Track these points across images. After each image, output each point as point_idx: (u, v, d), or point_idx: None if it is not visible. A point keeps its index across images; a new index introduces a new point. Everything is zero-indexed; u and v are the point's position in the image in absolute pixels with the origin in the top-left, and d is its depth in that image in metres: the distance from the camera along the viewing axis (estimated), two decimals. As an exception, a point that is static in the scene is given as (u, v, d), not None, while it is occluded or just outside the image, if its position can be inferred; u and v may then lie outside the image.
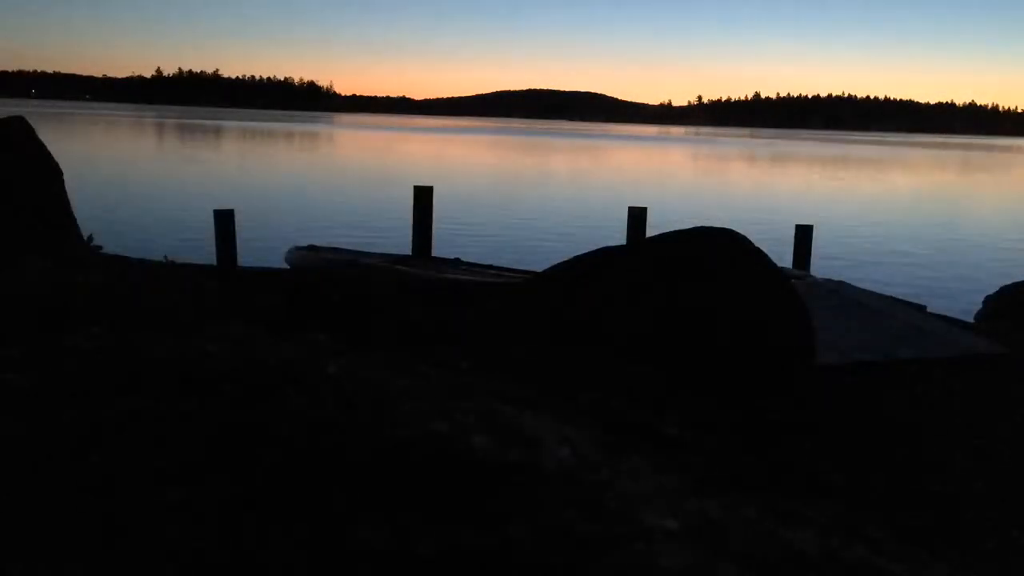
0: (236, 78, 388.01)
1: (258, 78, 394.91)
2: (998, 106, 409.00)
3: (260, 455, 1.14)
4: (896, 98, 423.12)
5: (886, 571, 1.27)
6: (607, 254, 7.27)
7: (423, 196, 13.68)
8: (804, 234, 12.93)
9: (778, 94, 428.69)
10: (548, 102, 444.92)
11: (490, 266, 12.29)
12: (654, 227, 10.82)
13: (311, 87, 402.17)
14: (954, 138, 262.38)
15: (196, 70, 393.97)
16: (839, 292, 9.51)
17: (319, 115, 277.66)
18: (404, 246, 13.73)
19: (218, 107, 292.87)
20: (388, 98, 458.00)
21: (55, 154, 9.98)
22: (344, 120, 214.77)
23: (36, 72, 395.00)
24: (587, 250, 7.34)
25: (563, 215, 25.86)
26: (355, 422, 1.25)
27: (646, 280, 6.69)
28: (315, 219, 21.97)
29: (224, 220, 12.25)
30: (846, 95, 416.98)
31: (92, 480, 1.10)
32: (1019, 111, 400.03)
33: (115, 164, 39.95)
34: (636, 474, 1.37)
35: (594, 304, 6.64)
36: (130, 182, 31.13)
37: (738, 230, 7.09)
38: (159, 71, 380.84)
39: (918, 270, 18.43)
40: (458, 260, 12.66)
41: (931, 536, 4.26)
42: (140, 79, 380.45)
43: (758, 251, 6.94)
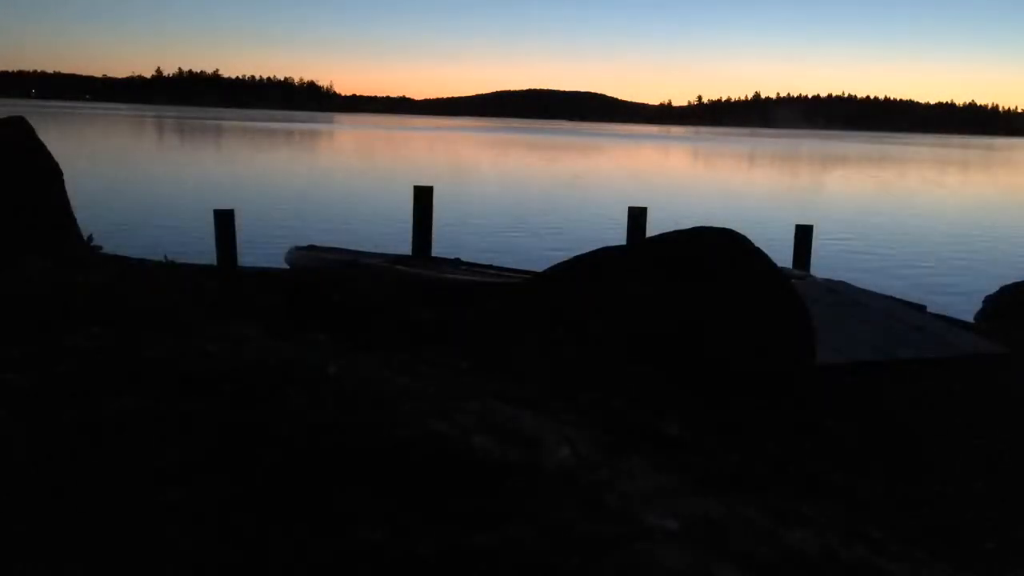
0: (236, 78, 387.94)
1: (258, 78, 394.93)
2: (998, 106, 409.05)
3: (260, 455, 1.14)
4: (896, 98, 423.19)
5: (886, 571, 1.27)
6: (607, 254, 7.27)
7: (423, 196, 13.68)
8: (804, 234, 12.93)
9: (778, 94, 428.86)
10: (548, 102, 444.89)
11: (490, 266, 12.29)
12: (654, 227, 10.82)
13: (311, 87, 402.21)
14: (954, 138, 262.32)
15: (196, 70, 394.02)
16: (839, 292, 9.51)
17: (319, 115, 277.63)
18: (404, 246, 13.73)
19: (218, 107, 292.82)
20: (388, 98, 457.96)
21: (55, 154, 9.98)
22: (344, 120, 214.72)
23: (36, 72, 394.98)
24: (587, 250, 7.34)
25: (563, 215, 25.86)
26: (355, 422, 1.25)
27: (646, 280, 6.69)
28: (315, 219, 21.96)
29: (224, 220, 12.25)
30: (846, 95, 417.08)
31: (92, 480, 1.10)
32: (1019, 111, 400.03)
33: (115, 164, 39.95)
34: (636, 474, 1.37)
35: (594, 304, 6.64)
36: (130, 182, 31.13)
37: (738, 230, 7.09)
38: (159, 71, 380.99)
39: (918, 270, 18.43)
40: (458, 260, 12.65)
41: (931, 536, 4.26)
42: (140, 79, 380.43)
43: (758, 251, 6.94)
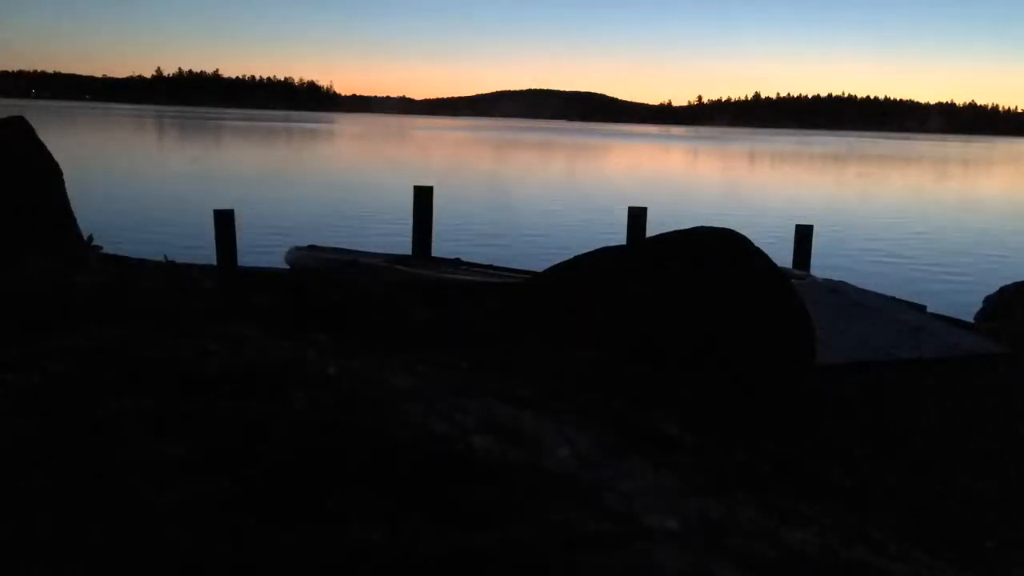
0: (236, 78, 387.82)
1: (258, 78, 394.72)
2: (998, 106, 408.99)
3: (260, 455, 1.14)
4: (896, 98, 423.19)
5: (886, 571, 1.27)
6: (607, 254, 7.27)
7: (423, 196, 13.68)
8: (804, 234, 12.93)
9: (778, 94, 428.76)
10: (548, 102, 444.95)
11: (490, 266, 12.28)
12: (654, 227, 10.82)
13: (311, 87, 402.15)
14: (954, 138, 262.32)
15: (196, 70, 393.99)
16: (839, 292, 9.51)
17: (319, 115, 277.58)
18: (404, 246, 13.72)
19: (218, 107, 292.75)
20: (388, 98, 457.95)
21: (55, 154, 9.98)
22: (344, 120, 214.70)
23: (36, 72, 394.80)
24: (587, 250, 7.34)
25: (563, 215, 25.86)
26: (355, 422, 1.25)
27: (646, 280, 6.69)
28: (315, 219, 21.96)
29: (224, 220, 12.25)
30: (846, 95, 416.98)
31: (92, 480, 1.10)
32: (1019, 111, 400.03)
33: (115, 164, 39.94)
34: (636, 474, 1.37)
35: (594, 304, 6.64)
36: (130, 182, 31.14)
37: (738, 230, 7.09)
38: (159, 71, 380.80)
39: (918, 270, 18.43)
40: (458, 260, 12.65)
41: (931, 536, 4.26)
42: (140, 79, 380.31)
43: (758, 251, 6.94)
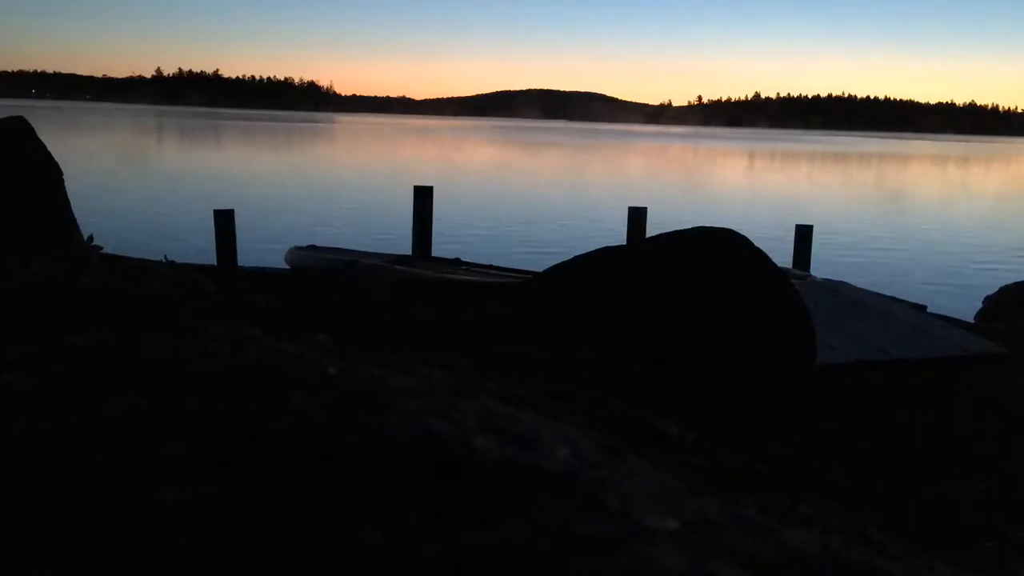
0: (236, 78, 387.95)
1: (258, 78, 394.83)
2: (998, 106, 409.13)
3: (260, 455, 1.14)
4: (896, 98, 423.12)
5: (886, 571, 1.27)
6: (607, 254, 7.27)
7: (423, 196, 13.68)
8: (804, 234, 12.93)
9: (778, 94, 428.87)
10: (548, 102, 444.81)
11: (490, 266, 12.28)
12: (654, 227, 10.82)
13: (311, 87, 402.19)
14: (954, 138, 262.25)
15: (196, 70, 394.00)
16: (839, 292, 9.51)
17: (319, 115, 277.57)
18: (404, 246, 13.72)
19: (218, 107, 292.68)
20: (388, 98, 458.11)
21: (55, 154, 9.97)
22: (344, 120, 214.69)
23: (36, 72, 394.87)
24: (587, 250, 7.34)
25: (563, 215, 25.86)
26: (355, 422, 1.25)
27: (646, 280, 6.69)
28: (315, 219, 21.96)
29: (224, 220, 12.25)
30: (846, 95, 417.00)
31: (91, 480, 1.10)
32: (1019, 111, 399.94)
33: (115, 164, 39.94)
34: (636, 474, 1.37)
35: (594, 304, 6.64)
36: (130, 182, 31.13)
37: (738, 230, 7.09)
38: (159, 71, 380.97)
39: (918, 270, 18.43)
40: (458, 260, 12.65)
41: (931, 536, 4.26)
42: (140, 79, 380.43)
43: (758, 251, 6.94)
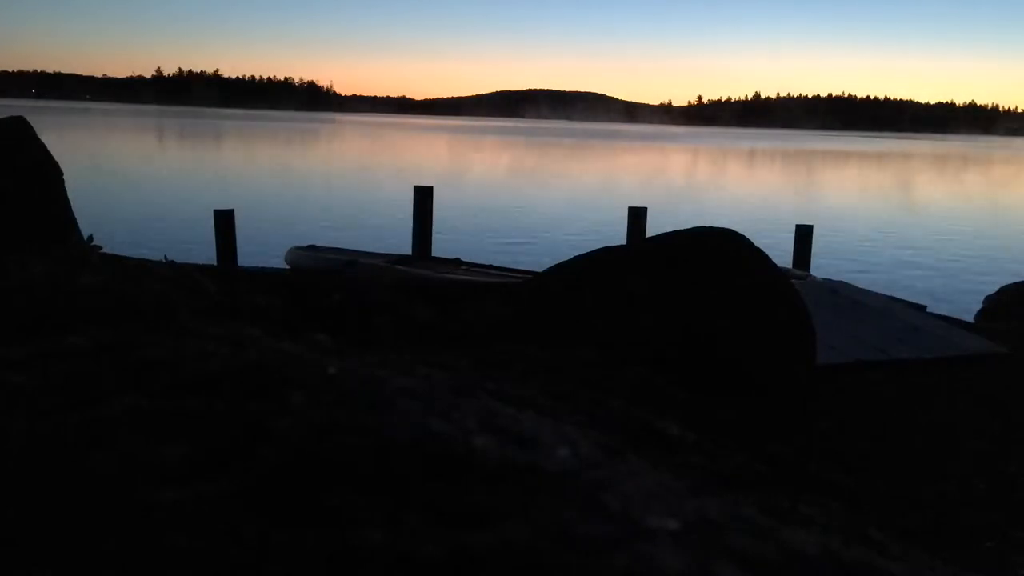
0: (236, 78, 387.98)
1: (258, 78, 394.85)
2: (998, 106, 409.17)
3: (260, 455, 1.14)
4: (896, 98, 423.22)
5: (886, 571, 1.27)
6: (607, 254, 7.27)
7: (423, 196, 13.68)
8: (804, 234, 12.93)
9: (778, 94, 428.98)
10: (548, 102, 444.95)
11: (490, 266, 12.28)
12: (654, 227, 10.82)
13: (311, 87, 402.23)
14: (954, 138, 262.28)
15: (196, 70, 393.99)
16: (839, 292, 9.51)
17: (319, 115, 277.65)
18: (404, 246, 13.72)
19: (218, 107, 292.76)
20: (388, 98, 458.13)
21: (55, 154, 9.97)
22: (344, 120, 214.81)
23: (36, 72, 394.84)
24: (587, 250, 7.34)
25: (563, 215, 25.86)
26: (355, 422, 1.25)
27: (646, 280, 6.69)
28: (315, 219, 21.97)
29: (224, 220, 12.25)
30: (846, 95, 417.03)
31: (91, 480, 1.10)
32: (1019, 111, 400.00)
33: (115, 164, 39.95)
34: (636, 474, 1.37)
35: (594, 304, 6.64)
36: (130, 182, 31.13)
37: (738, 230, 7.09)
38: (159, 71, 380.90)
39: (918, 270, 18.44)
40: (458, 260, 12.65)
41: (931, 536, 4.26)
42: (140, 79, 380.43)
43: (758, 251, 6.94)
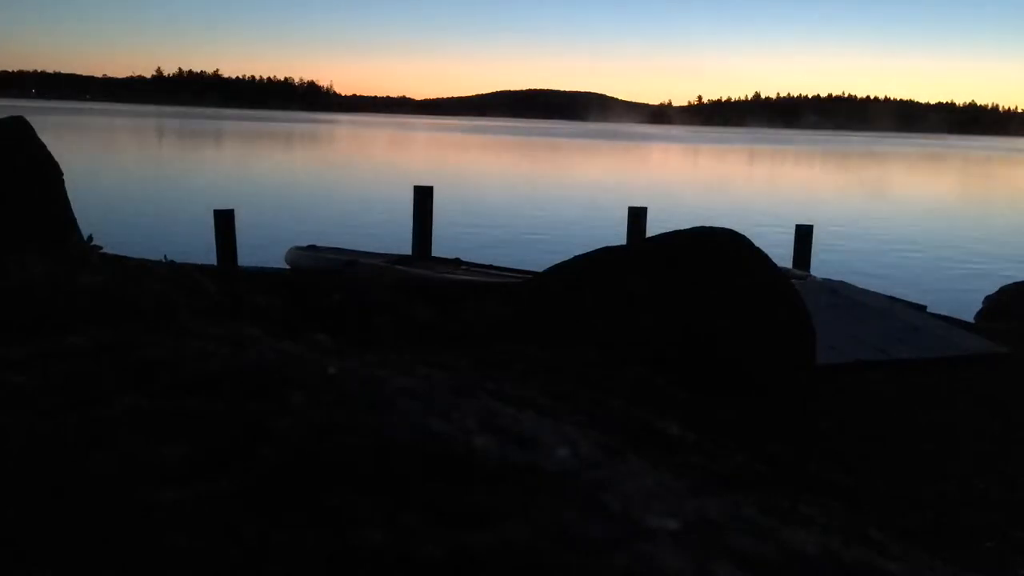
0: (236, 78, 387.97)
1: (258, 78, 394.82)
2: (998, 106, 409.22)
3: (260, 455, 1.14)
4: (896, 98, 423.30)
5: (886, 571, 1.27)
6: (607, 254, 7.27)
7: (423, 196, 13.68)
8: (804, 234, 12.92)
9: (778, 94, 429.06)
10: (548, 102, 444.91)
11: (490, 266, 12.28)
12: (654, 227, 10.82)
13: (311, 87, 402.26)
14: (954, 138, 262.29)
15: (196, 70, 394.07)
16: (839, 292, 9.51)
17: (319, 115, 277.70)
18: (404, 246, 13.72)
19: (218, 107, 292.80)
20: (388, 98, 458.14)
21: (55, 154, 9.97)
22: (344, 120, 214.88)
23: (36, 72, 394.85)
24: (587, 250, 7.34)
25: (563, 215, 25.87)
26: (355, 422, 1.25)
27: (646, 280, 6.69)
28: (315, 219, 21.97)
29: (224, 220, 12.24)
30: (846, 95, 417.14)
31: (91, 480, 1.10)
32: (1019, 111, 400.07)
33: (115, 164, 39.97)
34: (636, 474, 1.37)
35: (594, 304, 6.64)
36: (130, 182, 31.15)
37: (738, 230, 7.09)
38: (159, 71, 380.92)
39: (918, 270, 18.44)
40: (458, 260, 12.65)
41: (931, 536, 4.26)
42: (140, 79, 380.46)
43: (758, 251, 6.94)
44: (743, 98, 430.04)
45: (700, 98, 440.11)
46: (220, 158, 52.67)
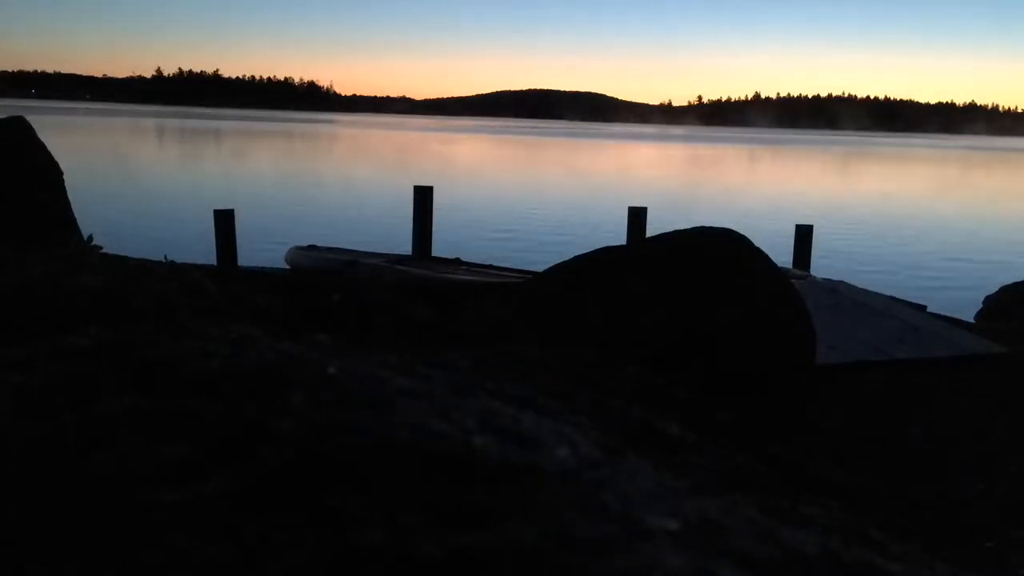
0: (236, 78, 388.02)
1: (258, 78, 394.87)
2: (998, 106, 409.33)
3: (260, 455, 1.14)
4: (896, 98, 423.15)
5: (886, 571, 1.27)
6: (607, 254, 7.27)
7: (423, 196, 13.68)
8: (804, 234, 12.93)
9: (778, 94, 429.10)
10: (548, 102, 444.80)
11: (490, 266, 12.28)
12: (654, 227, 10.82)
13: (311, 87, 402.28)
14: (954, 138, 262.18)
15: (196, 70, 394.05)
16: (839, 292, 9.52)
17: (319, 115, 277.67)
18: (404, 246, 13.72)
19: (218, 107, 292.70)
20: (388, 98, 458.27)
21: (55, 154, 9.97)
22: (344, 120, 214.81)
23: (36, 72, 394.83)
24: (587, 250, 7.34)
25: (563, 215, 25.87)
26: (355, 422, 1.25)
27: (646, 280, 6.69)
28: (315, 219, 21.97)
29: (224, 220, 12.26)
30: (846, 95, 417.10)
31: (91, 480, 1.10)
32: (1019, 111, 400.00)
33: (115, 164, 39.96)
34: (636, 474, 1.37)
35: (594, 304, 6.64)
36: (130, 182, 31.15)
37: (738, 230, 7.09)
38: (159, 71, 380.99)
39: (918, 270, 18.44)
40: (458, 260, 12.65)
41: (931, 536, 4.26)
42: (140, 79, 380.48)
43: (758, 251, 6.94)
44: (743, 98, 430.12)
45: (700, 98, 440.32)
46: (220, 158, 52.65)
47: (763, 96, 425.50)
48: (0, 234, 7.54)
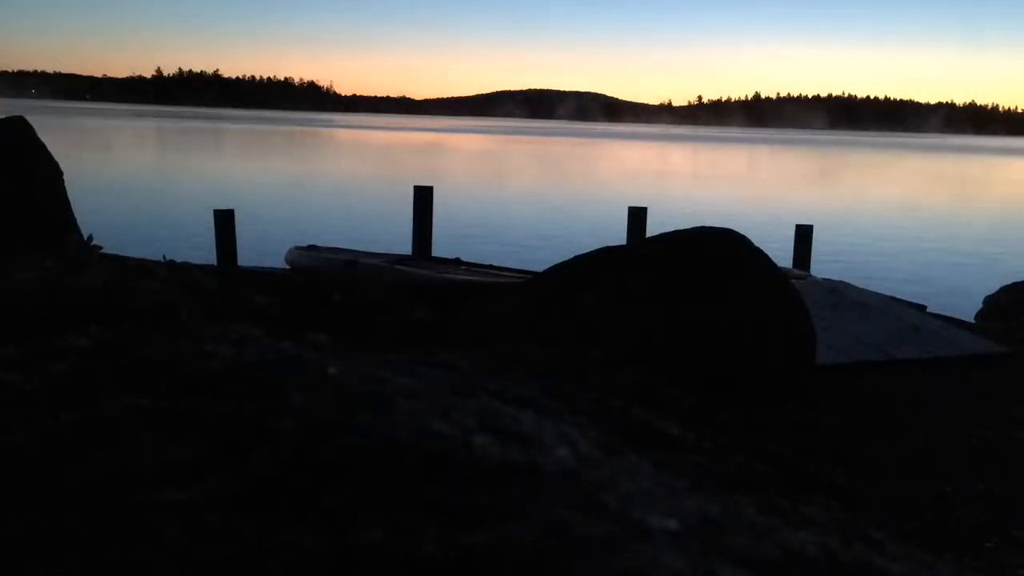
0: (236, 78, 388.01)
1: (258, 78, 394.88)
2: (998, 106, 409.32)
3: (260, 455, 1.14)
4: (896, 98, 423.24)
5: (886, 571, 1.27)
6: (607, 254, 7.27)
7: (423, 196, 13.68)
8: (804, 234, 12.92)
9: (778, 94, 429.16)
10: (548, 102, 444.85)
11: (490, 266, 12.28)
12: (654, 227, 10.82)
13: (311, 87, 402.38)
14: (954, 138, 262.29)
15: (196, 70, 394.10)
16: (839, 292, 9.51)
17: (319, 115, 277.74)
18: (404, 246, 13.72)
19: (218, 107, 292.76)
20: (388, 98, 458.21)
21: (55, 154, 9.97)
22: (344, 120, 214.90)
23: (36, 72, 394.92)
24: (587, 250, 7.34)
25: (563, 215, 25.86)
26: (355, 422, 1.25)
27: (646, 280, 6.69)
28: (315, 219, 21.98)
29: (224, 220, 12.25)
30: (846, 95, 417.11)
31: (91, 480, 1.10)
32: (1019, 111, 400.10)
33: (115, 164, 39.96)
34: (636, 474, 1.37)
35: (594, 304, 6.64)
36: (130, 182, 31.14)
37: (738, 230, 7.09)
38: (159, 71, 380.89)
39: (918, 270, 18.43)
40: (458, 260, 12.65)
41: (931, 536, 4.26)
42: (140, 79, 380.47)
43: (758, 251, 6.94)
44: (743, 98, 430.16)
45: (700, 98, 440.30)
46: (220, 158, 52.65)
47: (763, 96, 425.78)
48: (0, 234, 7.54)
